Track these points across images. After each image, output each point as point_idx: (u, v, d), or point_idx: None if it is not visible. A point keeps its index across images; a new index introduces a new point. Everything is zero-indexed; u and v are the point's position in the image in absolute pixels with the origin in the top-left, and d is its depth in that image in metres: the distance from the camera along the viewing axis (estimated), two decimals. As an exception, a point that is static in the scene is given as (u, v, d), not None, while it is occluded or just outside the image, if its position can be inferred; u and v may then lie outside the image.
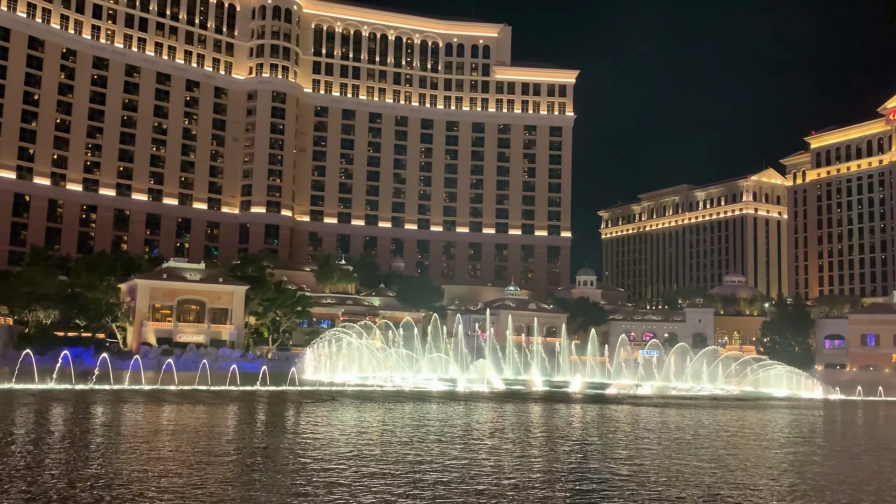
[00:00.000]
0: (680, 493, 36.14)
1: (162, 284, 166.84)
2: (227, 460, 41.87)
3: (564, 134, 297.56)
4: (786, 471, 45.63)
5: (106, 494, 31.40)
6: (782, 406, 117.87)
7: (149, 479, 35.42)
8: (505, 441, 55.23)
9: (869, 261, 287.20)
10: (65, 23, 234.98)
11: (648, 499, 34.55)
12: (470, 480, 37.66)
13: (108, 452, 43.37)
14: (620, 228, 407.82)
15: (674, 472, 42.46)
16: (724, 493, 36.52)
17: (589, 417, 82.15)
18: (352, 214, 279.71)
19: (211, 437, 53.13)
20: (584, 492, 35.85)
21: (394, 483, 36.20)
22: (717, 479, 41.07)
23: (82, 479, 34.53)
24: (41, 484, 33.10)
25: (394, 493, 33.68)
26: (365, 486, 34.73)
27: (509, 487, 36.30)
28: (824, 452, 57.79)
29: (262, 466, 40.42)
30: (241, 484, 35.25)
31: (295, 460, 42.62)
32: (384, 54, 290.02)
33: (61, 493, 31.22)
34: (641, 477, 40.54)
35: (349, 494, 33.13)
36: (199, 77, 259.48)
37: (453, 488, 35.20)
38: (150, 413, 70.91)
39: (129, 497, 30.96)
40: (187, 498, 31.27)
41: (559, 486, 37.49)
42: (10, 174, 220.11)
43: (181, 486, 33.66)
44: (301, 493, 33.12)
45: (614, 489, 36.69)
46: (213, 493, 32.59)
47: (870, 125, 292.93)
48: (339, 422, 68.66)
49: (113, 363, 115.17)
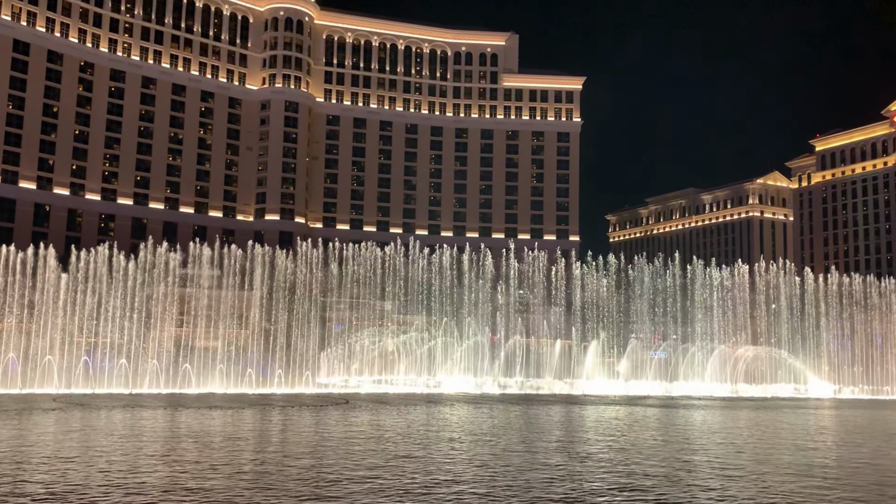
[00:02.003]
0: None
1: (179, 291, 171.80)
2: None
3: (572, 139, 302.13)
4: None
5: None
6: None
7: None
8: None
9: (875, 262, 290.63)
10: (83, 37, 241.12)
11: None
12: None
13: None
14: (628, 232, 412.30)
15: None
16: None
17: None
18: (364, 221, 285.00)
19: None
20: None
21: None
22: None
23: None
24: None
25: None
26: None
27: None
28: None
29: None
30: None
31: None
32: (394, 64, 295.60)
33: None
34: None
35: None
36: (214, 88, 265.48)
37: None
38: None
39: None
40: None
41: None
42: (30, 185, 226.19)
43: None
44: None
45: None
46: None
47: (874, 128, 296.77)
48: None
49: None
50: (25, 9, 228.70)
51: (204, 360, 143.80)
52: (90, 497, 29.33)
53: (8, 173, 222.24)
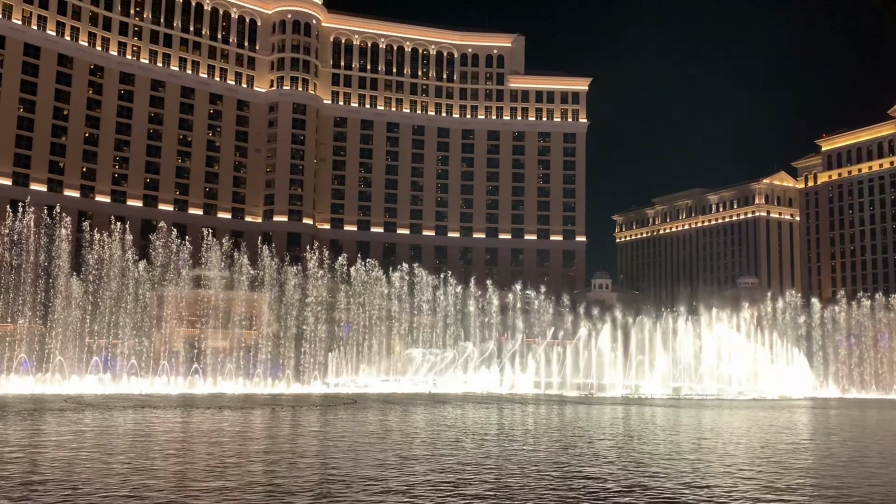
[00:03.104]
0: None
1: (189, 292, 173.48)
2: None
3: (578, 140, 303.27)
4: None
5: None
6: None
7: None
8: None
9: (882, 261, 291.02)
10: (92, 40, 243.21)
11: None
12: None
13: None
14: (635, 232, 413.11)
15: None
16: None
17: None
18: (371, 221, 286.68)
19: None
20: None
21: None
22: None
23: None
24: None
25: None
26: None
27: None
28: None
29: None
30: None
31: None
32: (401, 65, 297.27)
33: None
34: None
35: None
36: (222, 90, 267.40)
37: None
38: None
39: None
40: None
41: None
42: (41, 187, 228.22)
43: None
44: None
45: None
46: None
47: (880, 127, 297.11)
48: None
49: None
50: (36, 13, 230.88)
51: (214, 361, 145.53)
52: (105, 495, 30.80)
53: (19, 176, 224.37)
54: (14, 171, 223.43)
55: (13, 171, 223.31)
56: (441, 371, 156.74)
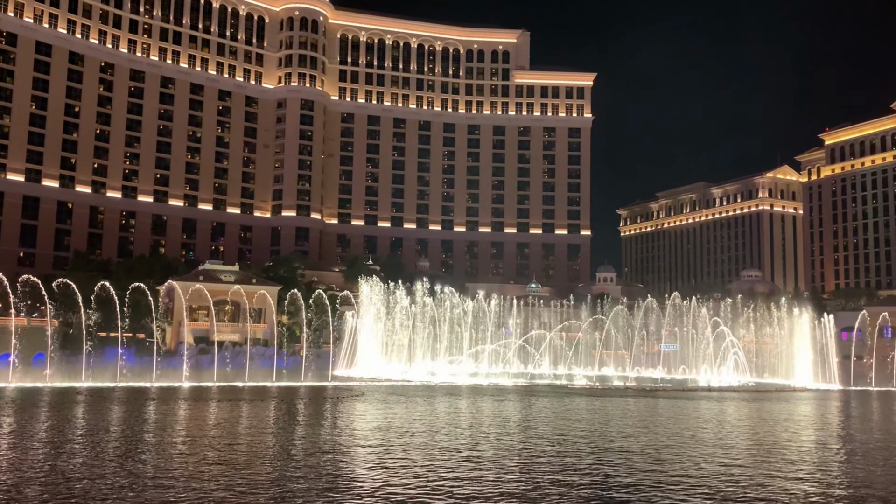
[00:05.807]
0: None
1: (198, 286, 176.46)
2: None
3: (583, 135, 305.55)
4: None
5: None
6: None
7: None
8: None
9: (884, 254, 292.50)
10: (103, 38, 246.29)
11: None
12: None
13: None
14: (639, 226, 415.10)
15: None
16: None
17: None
18: (378, 216, 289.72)
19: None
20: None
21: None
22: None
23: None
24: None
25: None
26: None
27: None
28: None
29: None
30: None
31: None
32: (407, 61, 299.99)
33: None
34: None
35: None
36: (231, 87, 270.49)
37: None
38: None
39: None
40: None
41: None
42: (53, 183, 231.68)
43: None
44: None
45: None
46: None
47: (883, 121, 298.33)
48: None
49: (158, 362, 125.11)
50: (47, 11, 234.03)
51: (222, 355, 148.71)
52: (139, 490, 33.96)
53: (32, 172, 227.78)
54: (27, 168, 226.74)
55: (26, 167, 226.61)
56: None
